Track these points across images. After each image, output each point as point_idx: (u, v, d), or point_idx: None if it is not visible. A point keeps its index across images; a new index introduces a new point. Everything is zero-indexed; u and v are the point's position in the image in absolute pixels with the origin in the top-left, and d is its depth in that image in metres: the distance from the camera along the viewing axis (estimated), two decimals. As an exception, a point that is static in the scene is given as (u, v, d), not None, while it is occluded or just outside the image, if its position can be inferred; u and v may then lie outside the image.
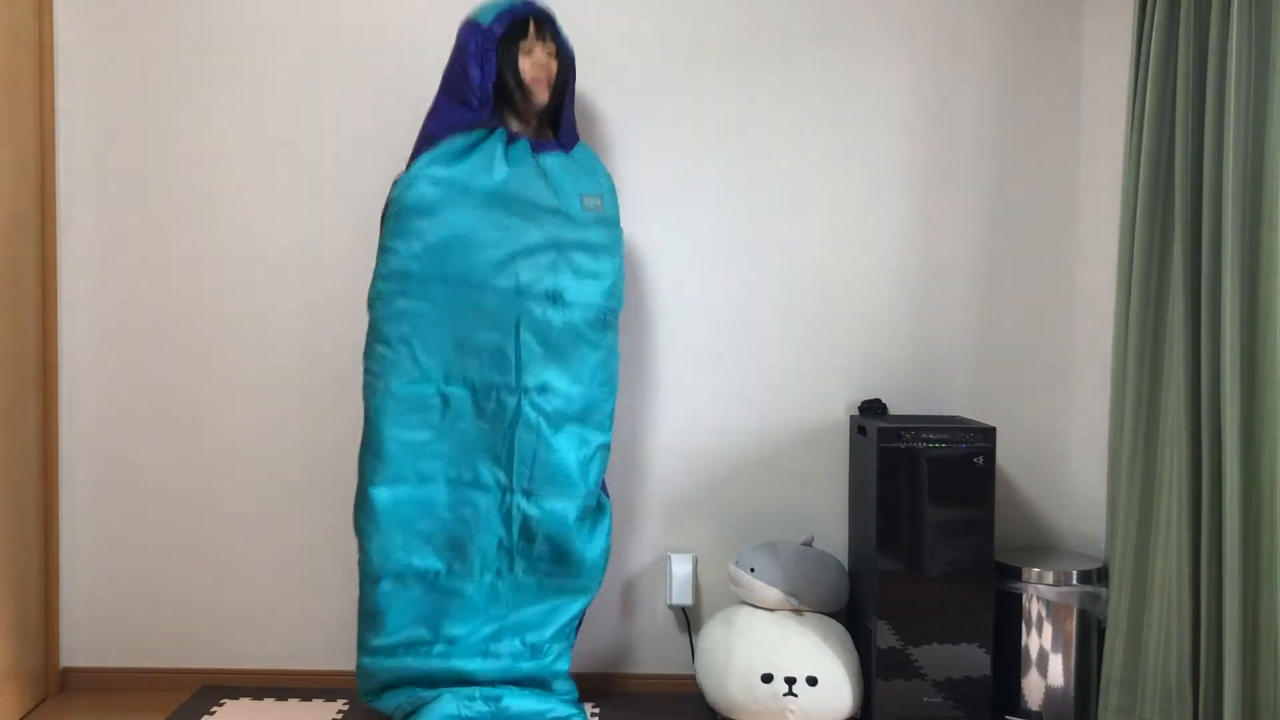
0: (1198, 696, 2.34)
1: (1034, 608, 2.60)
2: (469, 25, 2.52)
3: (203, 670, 2.87)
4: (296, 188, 2.83)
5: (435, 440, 2.48)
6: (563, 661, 2.56)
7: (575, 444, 2.53)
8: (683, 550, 2.89)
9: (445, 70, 2.53)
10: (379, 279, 2.48)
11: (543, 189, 2.50)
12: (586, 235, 2.53)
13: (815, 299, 2.86)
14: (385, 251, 2.48)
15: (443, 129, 2.50)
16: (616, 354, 2.61)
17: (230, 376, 2.85)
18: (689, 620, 2.89)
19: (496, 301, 2.46)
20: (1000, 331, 2.87)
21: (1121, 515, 2.47)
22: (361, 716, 2.65)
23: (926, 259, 2.86)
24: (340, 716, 2.67)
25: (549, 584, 2.54)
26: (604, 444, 2.58)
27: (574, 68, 2.61)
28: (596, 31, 2.81)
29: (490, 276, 2.45)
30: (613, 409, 2.59)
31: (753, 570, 2.67)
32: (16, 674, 2.67)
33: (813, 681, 2.53)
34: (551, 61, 2.56)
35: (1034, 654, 2.61)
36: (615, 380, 2.60)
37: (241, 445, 2.86)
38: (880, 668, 2.58)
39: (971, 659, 2.58)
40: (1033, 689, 2.62)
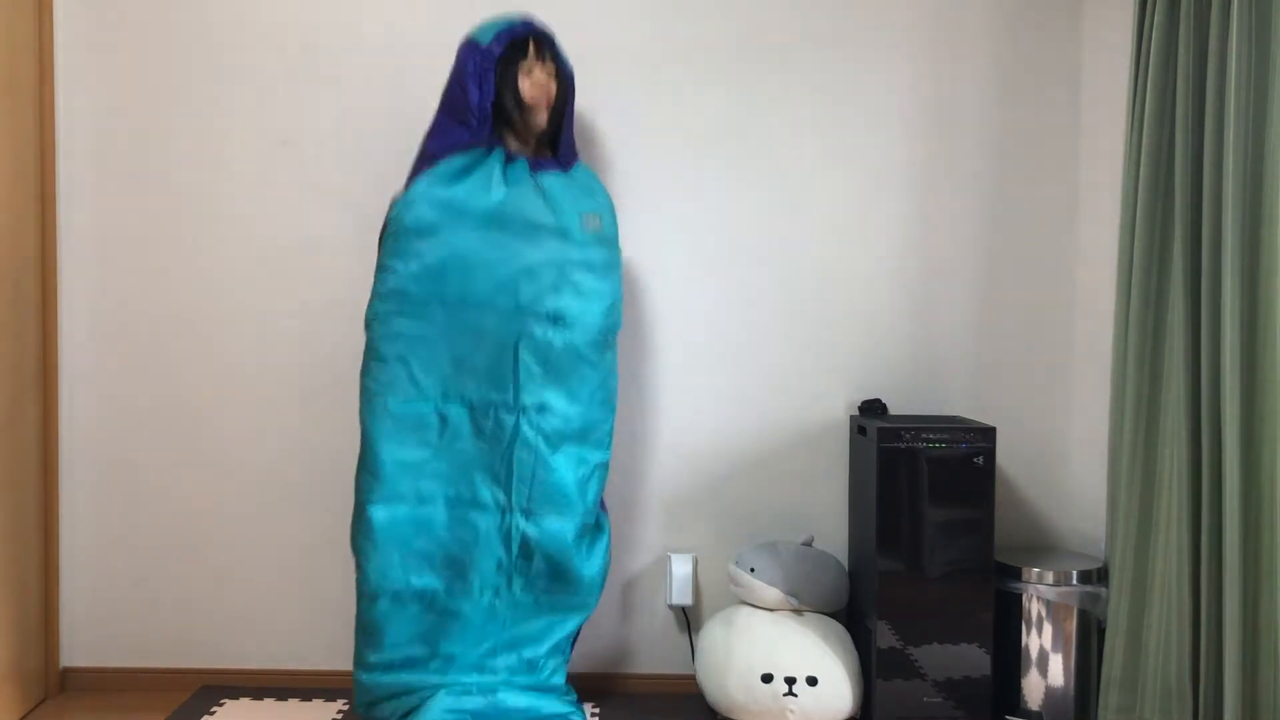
0: (1198, 696, 2.34)
1: (1034, 608, 2.60)
2: (468, 45, 2.50)
3: (203, 670, 2.87)
4: (296, 188, 2.83)
5: (433, 459, 2.47)
6: (558, 676, 2.56)
7: (574, 463, 2.52)
8: (683, 550, 2.89)
9: (444, 89, 2.52)
10: (377, 298, 2.47)
11: (542, 208, 2.48)
12: (586, 255, 2.51)
13: (815, 299, 2.86)
14: (383, 271, 2.47)
15: (441, 148, 2.49)
16: (615, 373, 2.60)
17: (230, 376, 2.85)
18: (689, 620, 2.89)
19: (495, 322, 2.44)
20: (1000, 331, 2.87)
21: (1121, 515, 2.47)
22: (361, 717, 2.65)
23: (926, 259, 2.86)
24: (340, 716, 2.67)
25: (546, 601, 2.53)
26: (602, 463, 2.58)
27: (573, 88, 2.59)
28: (596, 31, 2.81)
29: (489, 297, 2.44)
30: (611, 428, 2.59)
31: (753, 570, 2.67)
32: (16, 674, 2.67)
33: (813, 681, 2.53)
34: (551, 82, 2.54)
35: (1034, 654, 2.61)
36: (614, 399, 2.60)
37: (241, 445, 2.86)
38: (880, 668, 2.58)
39: (971, 659, 2.58)
40: (1033, 689, 2.62)
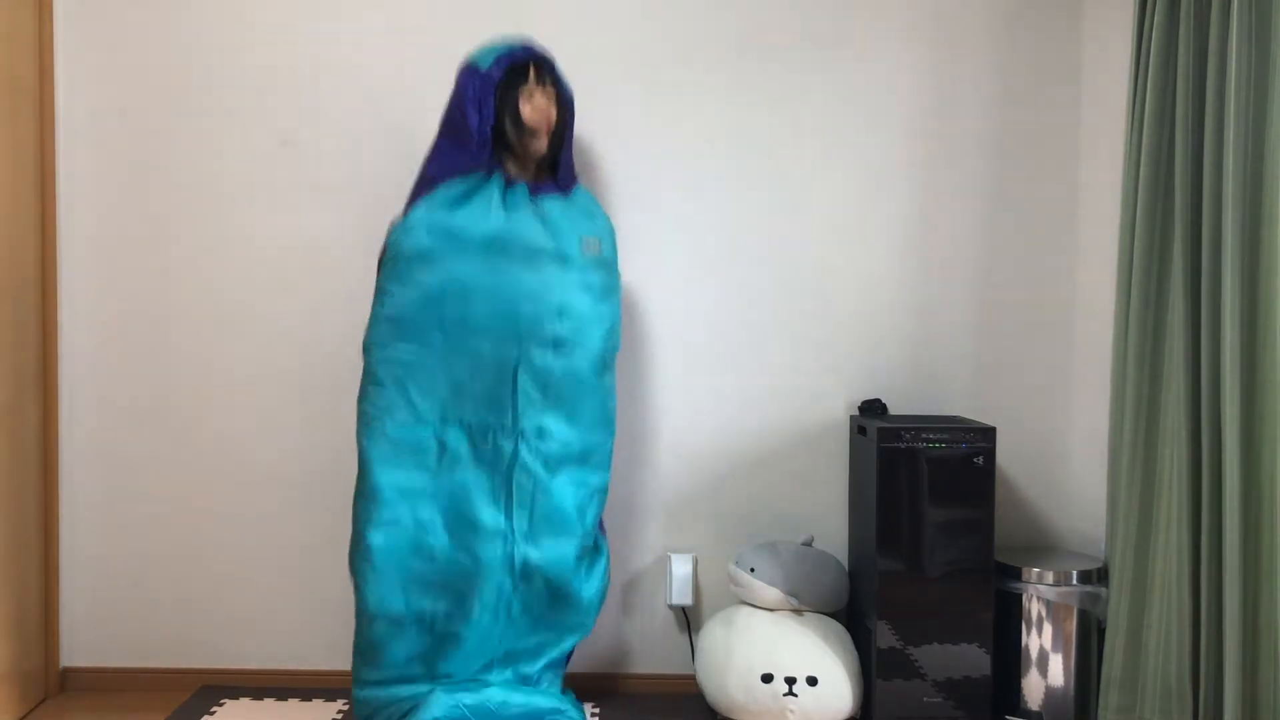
0: (1198, 696, 2.34)
1: (1034, 608, 2.60)
2: (468, 69, 2.50)
3: (203, 670, 2.87)
4: (297, 188, 2.83)
5: (432, 484, 2.46)
6: (554, 688, 2.56)
7: (573, 487, 2.52)
8: (683, 550, 2.89)
9: (444, 113, 2.51)
10: (375, 323, 2.48)
11: (541, 233, 2.48)
12: (586, 279, 2.51)
13: (815, 299, 2.86)
14: (382, 296, 2.47)
15: (441, 172, 2.48)
16: (614, 394, 2.60)
17: (230, 376, 2.85)
18: (689, 620, 2.89)
19: (494, 347, 2.44)
20: (1000, 331, 2.87)
21: (1121, 515, 2.47)
22: (361, 716, 2.65)
23: (926, 259, 2.86)
24: (340, 716, 2.67)
25: (544, 621, 2.53)
26: (602, 485, 2.58)
27: (573, 111, 2.59)
28: (596, 31, 2.81)
29: (488, 322, 2.43)
30: (610, 450, 2.59)
31: (753, 570, 2.67)
32: (16, 674, 2.67)
33: (813, 681, 2.53)
34: (551, 107, 2.53)
35: (1034, 654, 2.61)
36: (613, 421, 2.60)
37: (241, 445, 2.86)
38: (880, 668, 2.58)
39: (971, 659, 2.58)
40: (1033, 689, 2.62)
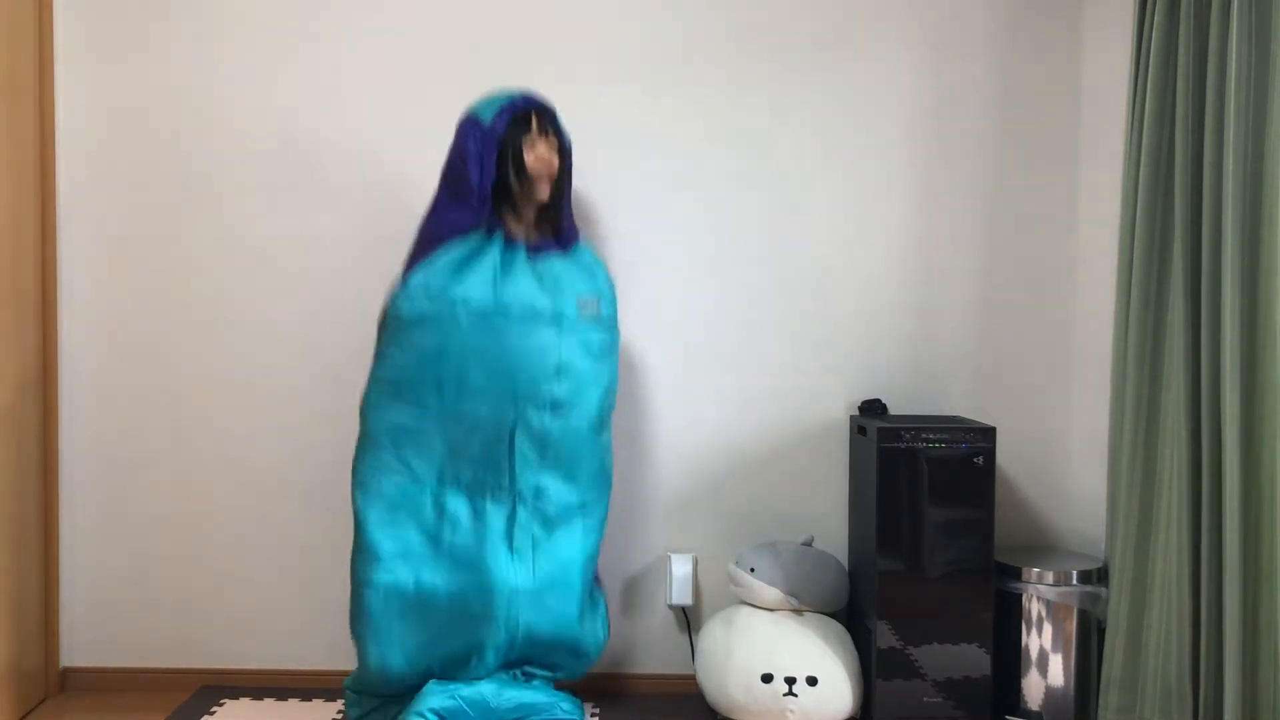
0: (1198, 696, 2.34)
1: (1034, 608, 2.60)
2: (469, 122, 2.49)
3: (203, 670, 2.87)
4: (297, 188, 2.83)
5: (430, 547, 2.46)
6: (547, 686, 2.56)
7: (572, 546, 2.53)
8: (683, 550, 2.89)
9: (445, 167, 2.51)
10: (373, 384, 2.48)
11: (539, 296, 2.48)
12: (584, 339, 2.51)
13: (815, 299, 2.86)
14: (380, 359, 2.48)
15: (441, 228, 2.48)
16: (610, 451, 2.62)
17: (230, 376, 2.85)
18: (689, 620, 2.89)
19: (491, 410, 2.44)
20: (1000, 331, 2.87)
21: (1121, 515, 2.47)
22: None
23: (927, 259, 2.86)
24: (340, 716, 2.67)
25: (545, 666, 2.55)
26: (597, 544, 2.59)
27: (571, 159, 2.59)
28: (597, 31, 2.82)
29: (485, 385, 2.43)
30: (606, 510, 2.60)
31: (753, 570, 2.67)
32: (16, 674, 2.67)
33: (813, 681, 2.53)
34: (554, 156, 2.54)
35: (1034, 654, 2.61)
36: (610, 479, 2.61)
37: (241, 445, 2.86)
38: (880, 668, 2.58)
39: (971, 659, 2.58)
40: (1033, 689, 2.62)
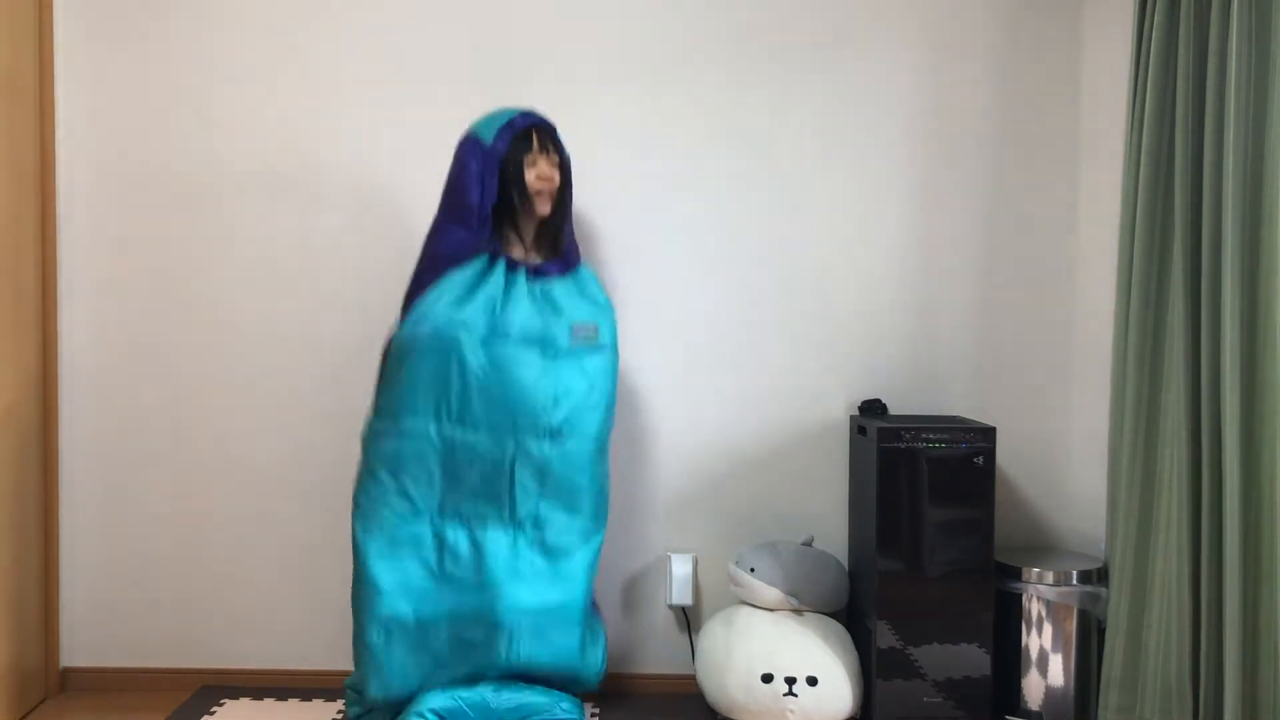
0: (1198, 696, 2.34)
1: (1034, 608, 2.60)
2: (470, 142, 2.49)
3: (203, 670, 2.87)
4: (297, 188, 2.83)
5: (432, 579, 2.46)
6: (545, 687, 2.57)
7: (571, 574, 2.52)
8: (683, 550, 2.89)
9: (445, 187, 2.51)
10: (374, 415, 2.49)
11: (539, 322, 2.48)
12: (582, 364, 2.51)
13: (815, 299, 2.86)
14: (382, 387, 2.48)
15: (443, 253, 2.48)
16: (608, 479, 2.61)
17: (230, 376, 2.85)
18: (689, 620, 2.89)
19: (491, 440, 2.44)
20: (1000, 331, 2.87)
21: (1121, 515, 2.47)
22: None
23: (927, 259, 2.86)
24: (340, 716, 2.67)
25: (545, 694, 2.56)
26: (594, 571, 2.58)
27: (571, 174, 2.59)
28: (597, 31, 2.82)
29: (485, 416, 2.43)
30: (601, 542, 2.59)
31: (753, 570, 2.67)
32: (16, 674, 2.67)
33: (813, 681, 2.53)
34: (555, 173, 2.54)
35: (1034, 654, 2.61)
36: (607, 507, 2.61)
37: (241, 445, 2.86)
38: (880, 668, 2.58)
39: (971, 659, 2.58)
40: (1033, 689, 2.62)
